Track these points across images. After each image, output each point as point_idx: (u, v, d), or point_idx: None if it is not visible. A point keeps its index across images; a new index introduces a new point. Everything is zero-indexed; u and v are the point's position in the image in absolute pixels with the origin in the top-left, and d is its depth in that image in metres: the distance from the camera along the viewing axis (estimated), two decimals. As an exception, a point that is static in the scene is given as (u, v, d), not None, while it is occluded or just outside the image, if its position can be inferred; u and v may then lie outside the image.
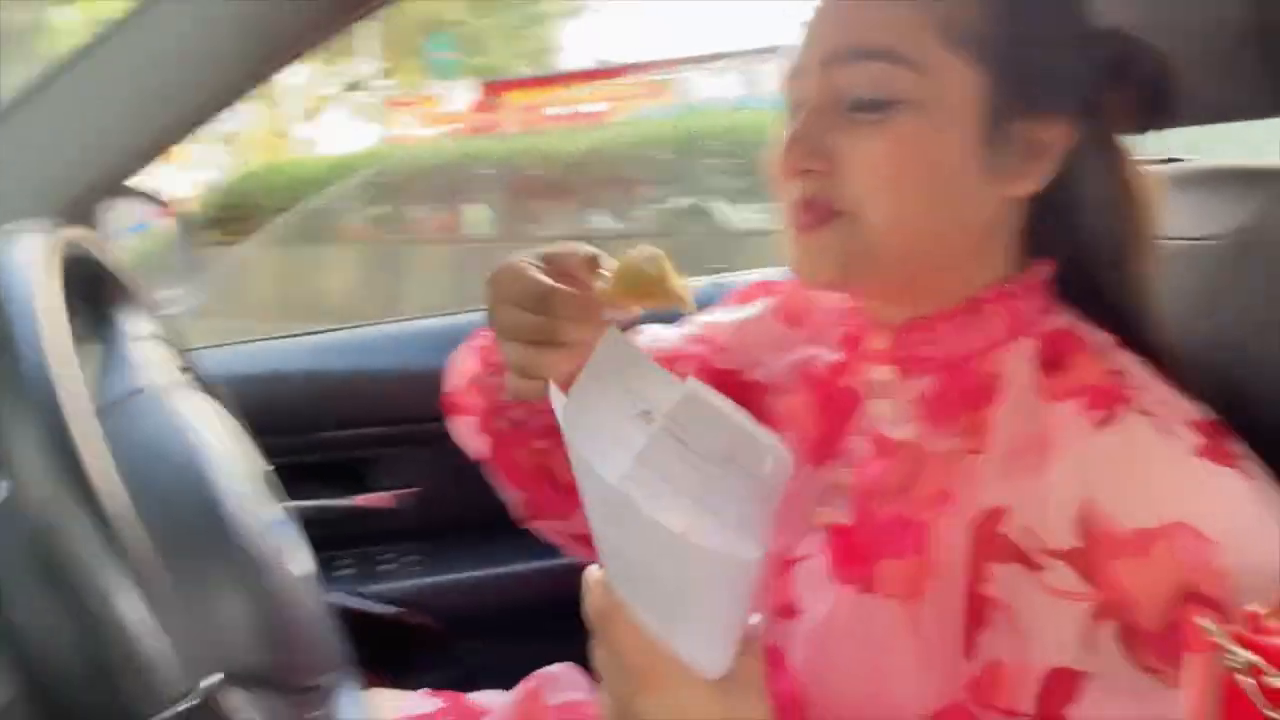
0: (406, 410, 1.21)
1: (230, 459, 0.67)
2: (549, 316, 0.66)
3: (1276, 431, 0.61)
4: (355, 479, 1.24)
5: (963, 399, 0.66)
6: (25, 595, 0.47)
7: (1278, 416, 0.72)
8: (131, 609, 0.47)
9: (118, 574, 0.47)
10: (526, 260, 0.69)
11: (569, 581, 1.24)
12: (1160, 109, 0.67)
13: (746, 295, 0.90)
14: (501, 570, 1.26)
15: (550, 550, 1.25)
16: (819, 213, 0.65)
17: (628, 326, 0.72)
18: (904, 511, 0.65)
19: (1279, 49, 0.72)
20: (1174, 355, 0.65)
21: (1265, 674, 0.47)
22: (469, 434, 0.88)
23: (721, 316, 0.90)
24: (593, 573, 0.61)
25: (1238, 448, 0.58)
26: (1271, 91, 0.75)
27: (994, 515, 0.60)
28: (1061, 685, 0.56)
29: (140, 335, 0.76)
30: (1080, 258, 0.67)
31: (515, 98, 11.79)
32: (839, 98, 0.64)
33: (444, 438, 1.14)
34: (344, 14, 0.99)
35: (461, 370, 0.88)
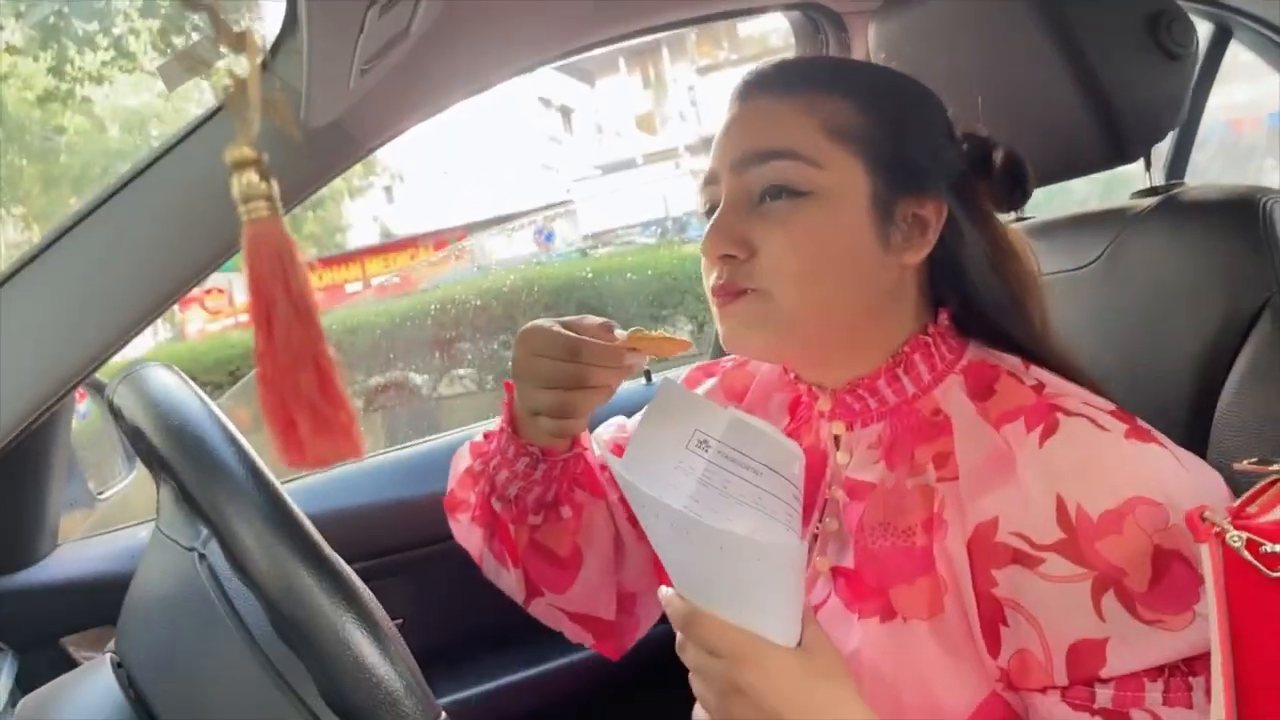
0: (390, 541, 1.24)
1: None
2: (579, 365, 0.78)
3: (1153, 412, 0.77)
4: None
5: (917, 437, 0.78)
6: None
7: (1160, 405, 0.90)
8: (370, 651, 0.52)
9: (353, 620, 0.52)
10: (550, 321, 0.80)
11: (560, 682, 1.29)
12: (1017, 194, 0.82)
13: (692, 380, 1.01)
14: (489, 687, 1.28)
15: (532, 658, 1.30)
16: (730, 291, 0.77)
17: (639, 371, 0.83)
18: (899, 542, 0.75)
19: (1106, 116, 0.93)
20: (1073, 362, 0.79)
21: (1261, 546, 0.61)
22: (466, 530, 0.94)
23: None
24: (665, 592, 0.69)
25: (1145, 423, 0.72)
26: (1102, 150, 0.97)
27: (987, 527, 0.70)
28: (1086, 653, 0.66)
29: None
30: (975, 300, 0.80)
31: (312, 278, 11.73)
32: (750, 194, 0.77)
33: (426, 563, 1.18)
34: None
35: (457, 469, 0.95)
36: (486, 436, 0.92)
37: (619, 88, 20.70)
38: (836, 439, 0.83)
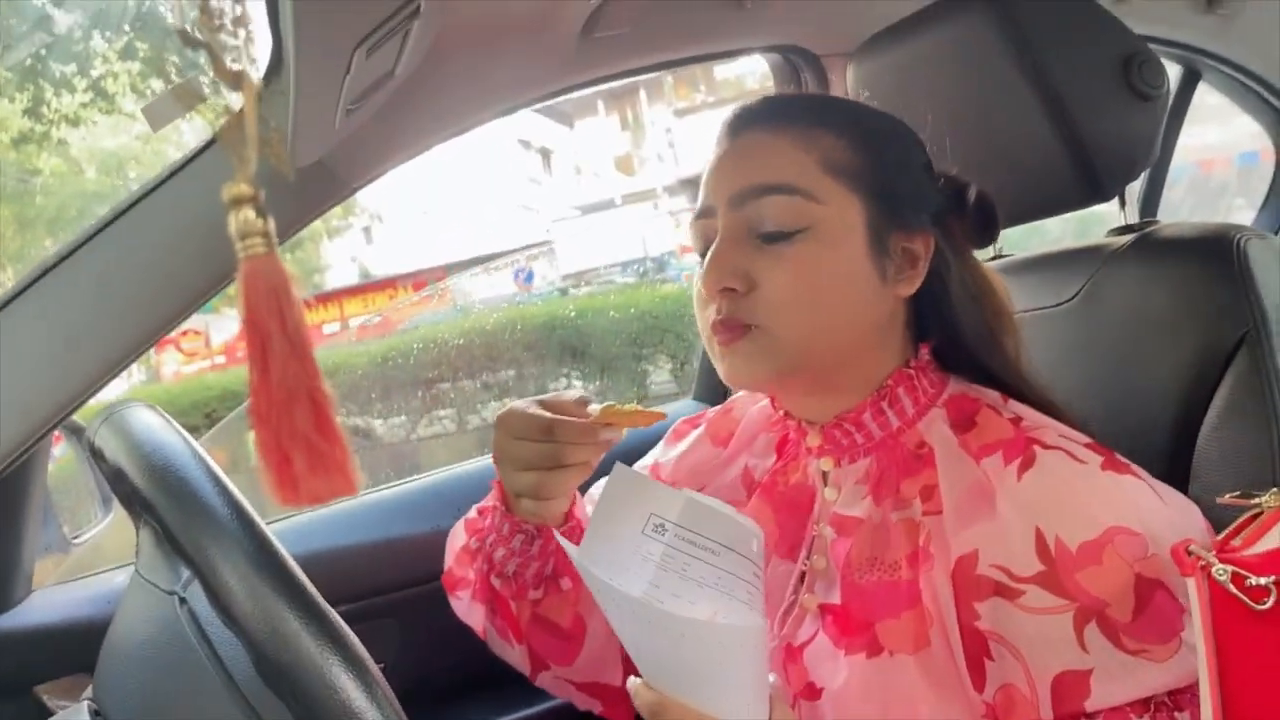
0: (372, 583, 1.22)
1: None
2: (555, 444, 0.77)
3: (1134, 447, 0.78)
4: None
5: (902, 470, 0.78)
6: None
7: (1140, 440, 0.91)
8: (358, 696, 0.51)
9: (340, 664, 0.51)
10: (527, 402, 0.80)
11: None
12: (988, 232, 0.85)
13: (678, 432, 1.02)
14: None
15: (518, 701, 1.28)
16: (733, 329, 0.77)
17: (616, 445, 0.82)
18: (886, 577, 0.76)
19: (1082, 155, 0.95)
20: (1049, 397, 0.81)
21: (1246, 579, 0.62)
22: (468, 607, 0.93)
23: (661, 455, 1.00)
24: (634, 681, 0.68)
25: (1122, 457, 0.74)
26: (1078, 189, 0.98)
27: (968, 560, 0.71)
28: (1071, 686, 0.67)
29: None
30: (955, 335, 0.82)
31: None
32: (749, 228, 0.77)
33: (409, 605, 1.16)
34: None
35: (454, 547, 0.94)
36: (481, 512, 0.91)
37: (598, 130, 20.89)
38: (824, 475, 0.83)
